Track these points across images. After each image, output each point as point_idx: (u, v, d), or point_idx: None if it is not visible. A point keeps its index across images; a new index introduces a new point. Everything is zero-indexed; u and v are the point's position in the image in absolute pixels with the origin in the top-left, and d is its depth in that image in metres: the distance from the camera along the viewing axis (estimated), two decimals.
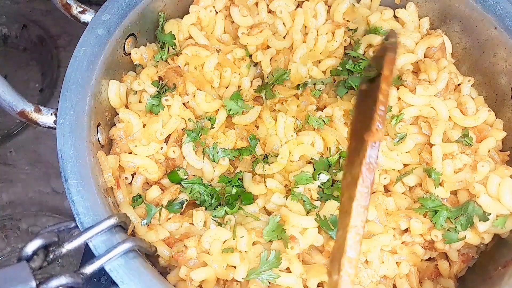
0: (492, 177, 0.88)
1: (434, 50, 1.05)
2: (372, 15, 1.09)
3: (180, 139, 0.98)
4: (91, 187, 0.81)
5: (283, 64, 1.07)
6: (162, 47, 1.05)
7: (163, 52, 1.04)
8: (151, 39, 1.07)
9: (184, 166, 0.98)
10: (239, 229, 0.87)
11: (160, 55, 1.03)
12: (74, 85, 0.87)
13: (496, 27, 1.01)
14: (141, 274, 0.75)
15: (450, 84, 1.00)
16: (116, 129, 0.94)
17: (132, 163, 0.93)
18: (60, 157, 0.81)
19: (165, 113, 0.96)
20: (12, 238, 1.34)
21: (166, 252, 0.88)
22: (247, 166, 0.99)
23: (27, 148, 1.48)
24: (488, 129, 0.98)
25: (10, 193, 1.41)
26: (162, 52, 1.04)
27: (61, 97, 0.86)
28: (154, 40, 1.07)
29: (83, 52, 0.90)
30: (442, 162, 0.90)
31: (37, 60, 1.60)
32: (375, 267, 0.86)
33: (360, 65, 1.04)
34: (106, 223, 0.75)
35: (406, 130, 0.95)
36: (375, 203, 0.90)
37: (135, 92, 0.99)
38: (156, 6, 1.04)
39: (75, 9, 0.96)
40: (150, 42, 1.06)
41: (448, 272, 0.93)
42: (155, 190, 0.93)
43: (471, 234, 0.89)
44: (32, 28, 1.59)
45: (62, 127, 0.83)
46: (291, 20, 1.10)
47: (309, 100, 1.04)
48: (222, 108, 1.01)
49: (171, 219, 0.91)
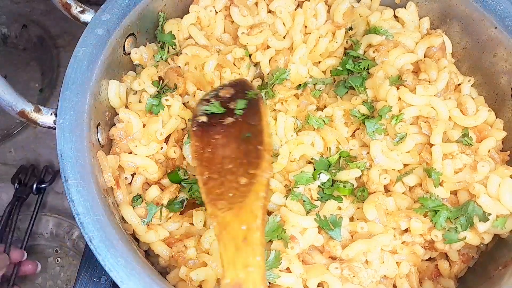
0: (492, 177, 0.88)
1: (434, 50, 1.05)
2: (372, 15, 1.09)
3: (180, 139, 0.98)
4: (91, 187, 0.81)
5: (282, 65, 1.06)
6: (162, 47, 1.05)
7: (163, 52, 1.04)
8: (151, 39, 1.07)
9: (184, 166, 0.98)
10: None
11: (160, 55, 1.03)
12: (74, 85, 0.87)
13: (496, 27, 1.01)
14: (141, 274, 0.75)
15: (450, 84, 1.00)
16: (116, 129, 0.94)
17: (132, 163, 0.92)
18: (60, 157, 0.81)
19: (165, 113, 0.96)
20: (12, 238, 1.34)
21: (165, 252, 0.89)
22: None
23: (27, 148, 1.48)
24: (488, 129, 0.98)
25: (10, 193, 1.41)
26: (162, 52, 1.04)
27: (60, 97, 0.86)
28: (154, 40, 1.07)
29: (83, 52, 0.90)
30: (442, 162, 0.90)
31: (37, 60, 1.60)
32: (375, 267, 0.86)
33: (360, 65, 1.04)
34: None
35: (406, 130, 0.95)
36: (375, 203, 0.90)
37: (135, 92, 0.99)
38: (156, 6, 1.04)
39: (75, 9, 0.96)
40: (150, 42, 1.06)
41: (448, 272, 0.93)
42: (155, 189, 0.93)
43: (471, 235, 0.89)
44: (32, 28, 1.59)
45: (62, 127, 0.83)
46: (291, 20, 1.10)
47: (309, 100, 1.04)
48: None
49: (171, 219, 0.91)
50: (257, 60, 1.08)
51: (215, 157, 0.81)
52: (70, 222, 1.35)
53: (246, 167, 0.77)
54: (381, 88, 0.98)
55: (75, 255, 1.34)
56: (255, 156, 0.78)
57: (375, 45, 1.05)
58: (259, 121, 0.82)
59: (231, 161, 0.79)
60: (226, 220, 0.73)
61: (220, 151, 0.81)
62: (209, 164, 0.80)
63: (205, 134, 0.84)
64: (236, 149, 0.80)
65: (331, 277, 0.84)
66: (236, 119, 0.84)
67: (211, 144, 0.82)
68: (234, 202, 0.74)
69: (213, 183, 0.77)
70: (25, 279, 1.30)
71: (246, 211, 0.72)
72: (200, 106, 0.89)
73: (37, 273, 1.30)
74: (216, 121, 0.86)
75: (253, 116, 0.84)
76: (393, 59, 1.02)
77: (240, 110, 0.86)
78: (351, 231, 0.90)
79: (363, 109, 0.99)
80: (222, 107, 0.87)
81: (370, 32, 1.07)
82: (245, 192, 0.74)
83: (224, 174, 0.78)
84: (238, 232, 0.71)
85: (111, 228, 0.79)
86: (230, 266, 0.69)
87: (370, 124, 0.96)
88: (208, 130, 0.85)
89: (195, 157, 0.83)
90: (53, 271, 1.33)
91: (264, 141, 0.79)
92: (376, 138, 0.96)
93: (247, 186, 0.75)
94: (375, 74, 1.01)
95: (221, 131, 0.83)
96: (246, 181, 0.76)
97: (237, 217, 0.72)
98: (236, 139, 0.82)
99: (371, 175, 0.93)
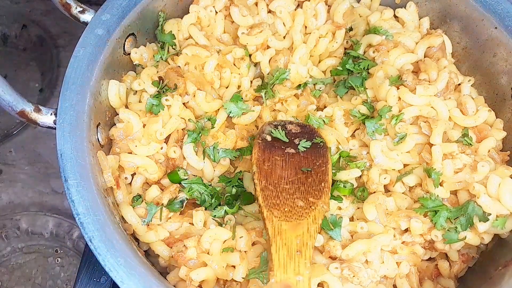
0: (492, 177, 0.88)
1: (434, 50, 1.05)
2: (372, 15, 1.09)
3: (180, 139, 0.98)
4: (91, 187, 0.81)
5: (282, 65, 1.06)
6: (162, 47, 1.05)
7: (163, 52, 1.04)
8: (151, 39, 1.07)
9: (184, 166, 0.98)
10: (238, 229, 0.87)
11: (160, 55, 1.03)
12: (73, 85, 0.87)
13: (496, 27, 1.01)
14: (141, 274, 0.75)
15: (450, 84, 1.00)
16: (116, 129, 0.94)
17: (132, 163, 0.92)
18: (59, 157, 0.81)
19: (165, 113, 0.96)
20: (12, 238, 1.34)
21: (166, 252, 0.89)
22: (247, 166, 0.99)
23: (27, 148, 1.48)
24: (488, 129, 0.98)
25: (10, 193, 1.41)
26: (162, 52, 1.04)
27: (60, 97, 0.86)
28: (154, 40, 1.07)
29: (82, 52, 0.90)
30: (442, 162, 0.90)
31: (37, 60, 1.60)
32: (375, 267, 0.86)
33: (360, 65, 1.04)
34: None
35: (406, 130, 0.95)
36: (375, 203, 0.90)
37: (135, 92, 0.99)
38: (156, 6, 1.04)
39: (75, 9, 0.96)
40: (150, 42, 1.06)
41: (448, 272, 0.93)
42: (155, 189, 0.93)
43: (471, 235, 0.89)
44: (32, 28, 1.59)
45: (62, 127, 0.83)
46: (291, 20, 1.10)
47: (309, 100, 1.04)
48: (222, 108, 1.01)
49: (171, 219, 0.91)
50: (257, 60, 1.08)
51: (272, 173, 0.87)
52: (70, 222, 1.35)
53: (304, 194, 0.84)
54: (381, 88, 0.98)
55: (75, 255, 1.34)
56: (317, 188, 0.85)
57: (375, 45, 1.05)
58: (325, 166, 0.89)
59: (288, 183, 0.86)
60: (281, 228, 0.79)
61: (278, 171, 0.88)
62: (266, 175, 0.87)
63: (266, 150, 0.91)
64: (295, 175, 0.87)
65: (331, 277, 0.84)
66: (297, 153, 0.91)
67: (270, 161, 0.89)
68: (290, 217, 0.81)
69: (269, 193, 0.84)
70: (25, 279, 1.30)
71: (304, 229, 0.79)
72: (267, 127, 0.96)
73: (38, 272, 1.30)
74: (279, 145, 0.92)
75: (316, 158, 0.90)
76: (393, 59, 1.02)
77: (303, 148, 0.92)
78: (351, 231, 0.90)
79: (363, 109, 0.99)
80: (287, 138, 0.94)
81: (370, 32, 1.07)
82: (303, 214, 0.81)
83: (280, 190, 0.85)
84: (292, 242, 0.77)
85: (111, 228, 0.79)
86: (281, 269, 0.75)
87: (370, 124, 0.96)
88: (270, 149, 0.91)
89: (256, 164, 0.89)
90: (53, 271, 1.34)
91: (328, 181, 0.87)
92: (376, 138, 0.96)
93: (305, 210, 0.82)
94: (375, 74, 1.01)
95: (281, 155, 0.91)
96: (303, 205, 0.82)
97: (293, 230, 0.79)
98: (294, 168, 0.89)
99: (371, 175, 0.93)
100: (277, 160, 0.89)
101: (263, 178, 0.86)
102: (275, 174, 0.87)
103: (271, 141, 0.93)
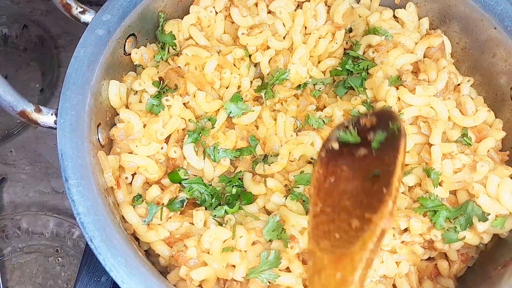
0: (492, 177, 0.88)
1: (433, 50, 1.05)
2: (371, 15, 1.09)
3: (181, 139, 0.98)
4: (91, 187, 0.81)
5: (282, 65, 1.07)
6: (162, 47, 1.05)
7: (163, 52, 1.04)
8: (151, 39, 1.07)
9: (185, 166, 0.98)
10: (238, 228, 0.87)
11: (161, 55, 1.03)
12: (74, 85, 0.87)
13: (495, 27, 1.01)
14: (141, 273, 0.75)
15: (450, 84, 1.00)
16: (117, 129, 0.94)
17: (133, 163, 0.93)
18: (60, 157, 0.81)
19: (166, 113, 0.96)
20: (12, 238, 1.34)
21: (166, 252, 0.89)
22: (247, 166, 0.99)
23: (27, 148, 1.48)
24: (488, 129, 0.98)
25: (10, 193, 1.41)
26: (163, 52, 1.04)
27: (61, 97, 0.86)
28: (154, 40, 1.07)
29: (83, 52, 0.90)
30: (441, 162, 0.90)
31: (38, 60, 1.60)
32: (375, 266, 0.86)
33: (359, 65, 1.04)
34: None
35: (406, 130, 0.95)
36: None
37: (135, 92, 1.00)
38: (156, 7, 1.04)
39: (75, 9, 0.96)
40: (150, 42, 1.06)
41: (447, 272, 0.93)
42: (155, 189, 0.93)
43: (470, 234, 0.89)
44: (33, 28, 1.59)
45: (63, 127, 0.84)
46: (291, 21, 1.10)
47: (308, 100, 1.04)
48: (222, 108, 1.01)
49: (172, 219, 0.92)
50: (257, 60, 1.08)
51: (334, 190, 0.72)
52: (71, 221, 1.35)
53: (363, 210, 0.66)
54: (380, 88, 0.98)
55: (76, 254, 1.34)
56: (377, 199, 0.65)
57: (374, 45, 1.05)
58: (394, 160, 0.68)
59: (350, 197, 0.69)
60: (323, 263, 0.64)
61: (342, 185, 0.72)
62: (326, 196, 0.72)
63: (332, 162, 0.75)
64: (360, 186, 0.70)
65: None
66: (369, 153, 0.73)
67: (335, 174, 0.73)
68: (338, 246, 0.65)
69: (323, 218, 0.69)
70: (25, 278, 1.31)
71: (347, 260, 0.62)
72: (336, 131, 0.78)
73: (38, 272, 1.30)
74: (348, 150, 0.75)
75: (389, 153, 0.70)
76: (392, 59, 1.03)
77: (377, 143, 0.73)
78: None
79: (363, 109, 1.00)
80: (359, 136, 0.76)
81: (370, 32, 1.07)
82: (353, 238, 0.63)
83: (338, 211, 0.69)
84: (331, 281, 0.62)
85: (112, 228, 0.79)
86: None
87: None
88: (337, 159, 0.75)
89: (315, 185, 0.74)
90: (53, 271, 1.34)
91: (392, 184, 0.65)
92: None
93: (358, 232, 0.64)
94: (375, 74, 1.01)
95: (350, 163, 0.73)
96: (357, 225, 0.65)
97: (335, 264, 0.63)
98: (363, 175, 0.71)
99: None
100: (344, 171, 0.73)
101: (320, 200, 0.71)
102: (337, 191, 0.71)
103: (339, 150, 0.76)
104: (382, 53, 1.03)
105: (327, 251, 0.64)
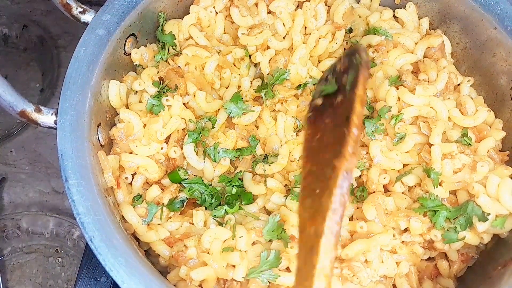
0: (492, 177, 0.88)
1: (433, 50, 1.05)
2: (371, 15, 1.09)
3: (181, 139, 0.98)
4: (91, 187, 0.81)
5: (282, 65, 1.07)
6: (162, 47, 1.05)
7: (163, 52, 1.04)
8: (151, 39, 1.07)
9: (185, 166, 0.98)
10: (238, 228, 0.87)
11: (161, 55, 1.03)
12: (74, 85, 0.87)
13: (495, 27, 1.01)
14: (141, 273, 0.75)
15: (450, 84, 1.00)
16: (117, 129, 0.94)
17: (133, 163, 0.93)
18: (60, 157, 0.81)
19: (166, 113, 0.96)
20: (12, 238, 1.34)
21: (166, 252, 0.89)
22: (247, 166, 0.99)
23: (27, 148, 1.48)
24: (488, 129, 0.98)
25: (10, 193, 1.41)
26: (163, 52, 1.04)
27: (61, 97, 0.86)
28: (154, 40, 1.07)
29: (83, 52, 0.90)
30: (441, 162, 0.90)
31: (38, 60, 1.60)
32: (375, 266, 0.86)
33: None
34: None
35: (406, 130, 0.95)
36: (375, 203, 0.90)
37: (135, 92, 1.00)
38: (156, 7, 1.04)
39: (75, 9, 0.96)
40: (150, 42, 1.06)
41: (447, 272, 0.93)
42: (155, 189, 0.93)
43: (470, 234, 0.89)
44: (33, 28, 1.59)
45: (63, 127, 0.84)
46: (291, 21, 1.10)
47: (309, 100, 1.04)
48: (222, 108, 1.01)
49: (172, 219, 0.92)
50: (257, 60, 1.08)
51: (320, 146, 0.69)
52: (71, 221, 1.35)
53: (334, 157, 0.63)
54: (380, 88, 0.98)
55: (76, 254, 1.34)
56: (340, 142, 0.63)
57: (374, 45, 1.05)
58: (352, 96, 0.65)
59: (330, 149, 0.66)
60: (305, 223, 0.63)
61: (325, 138, 0.69)
62: (313, 154, 0.69)
63: (318, 119, 0.72)
64: (338, 133, 0.66)
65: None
66: (344, 96, 0.69)
67: (320, 130, 0.71)
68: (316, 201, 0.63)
69: (311, 178, 0.66)
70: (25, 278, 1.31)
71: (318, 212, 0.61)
72: (318, 86, 0.76)
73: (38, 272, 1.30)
74: (329, 101, 0.72)
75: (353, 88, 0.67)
76: (392, 59, 1.03)
77: (349, 84, 0.69)
78: (350, 230, 0.90)
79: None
80: (337, 83, 0.72)
81: (370, 32, 1.08)
82: (324, 189, 0.61)
83: (322, 167, 0.66)
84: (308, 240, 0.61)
85: (112, 228, 0.79)
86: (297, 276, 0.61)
87: (369, 124, 0.96)
88: (322, 114, 0.72)
89: (305, 147, 0.72)
90: (53, 271, 1.34)
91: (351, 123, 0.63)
92: (376, 138, 0.96)
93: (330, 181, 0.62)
94: (375, 74, 1.01)
95: (331, 113, 0.70)
96: (331, 174, 0.62)
97: (312, 220, 0.62)
98: (341, 121, 0.67)
99: (370, 175, 0.93)
100: (327, 124, 0.70)
101: (308, 161, 0.69)
102: (322, 146, 0.68)
103: (322, 104, 0.73)
104: (382, 53, 1.03)
105: (309, 209, 0.63)
